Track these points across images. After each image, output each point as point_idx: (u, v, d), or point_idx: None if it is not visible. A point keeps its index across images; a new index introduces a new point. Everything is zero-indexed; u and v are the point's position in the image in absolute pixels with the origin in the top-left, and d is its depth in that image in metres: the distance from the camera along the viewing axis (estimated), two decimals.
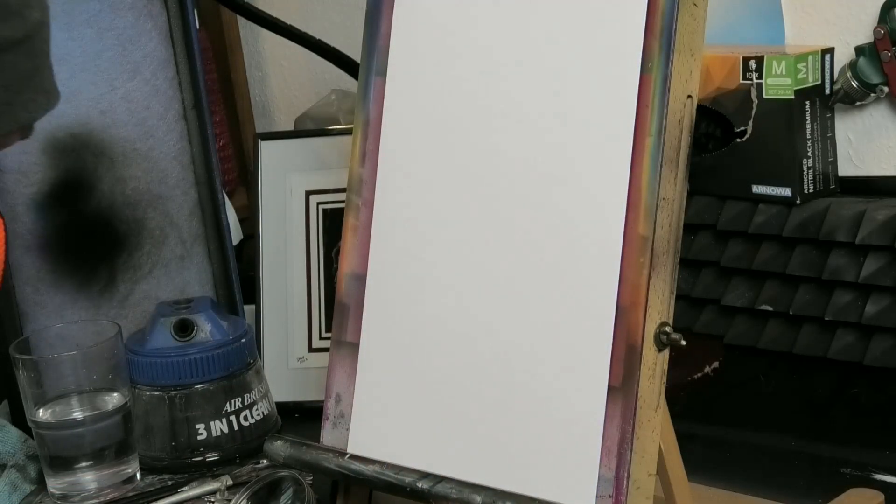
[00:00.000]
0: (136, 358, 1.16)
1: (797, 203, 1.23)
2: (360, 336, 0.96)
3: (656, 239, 0.82)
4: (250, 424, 1.17)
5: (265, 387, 1.21)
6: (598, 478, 0.82)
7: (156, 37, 1.26)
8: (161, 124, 1.27)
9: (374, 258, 0.96)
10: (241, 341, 1.18)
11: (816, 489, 1.03)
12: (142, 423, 1.16)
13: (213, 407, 1.16)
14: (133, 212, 1.26)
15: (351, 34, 1.27)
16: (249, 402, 1.17)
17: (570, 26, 0.87)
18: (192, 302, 1.20)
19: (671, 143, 0.82)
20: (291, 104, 1.75)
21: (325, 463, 0.94)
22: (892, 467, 1.06)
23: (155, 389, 1.15)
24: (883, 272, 1.16)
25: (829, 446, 1.12)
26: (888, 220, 1.17)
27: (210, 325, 1.17)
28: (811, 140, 1.23)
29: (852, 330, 1.19)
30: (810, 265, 1.21)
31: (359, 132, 0.97)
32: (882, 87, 1.20)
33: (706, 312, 1.30)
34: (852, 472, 1.06)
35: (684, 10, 0.82)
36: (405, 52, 0.95)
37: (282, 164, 1.37)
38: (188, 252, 1.29)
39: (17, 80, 0.89)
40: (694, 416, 1.12)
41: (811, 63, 1.21)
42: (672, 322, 0.84)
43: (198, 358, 1.15)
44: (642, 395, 0.82)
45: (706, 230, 1.30)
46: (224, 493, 1.09)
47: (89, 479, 1.13)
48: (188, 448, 1.15)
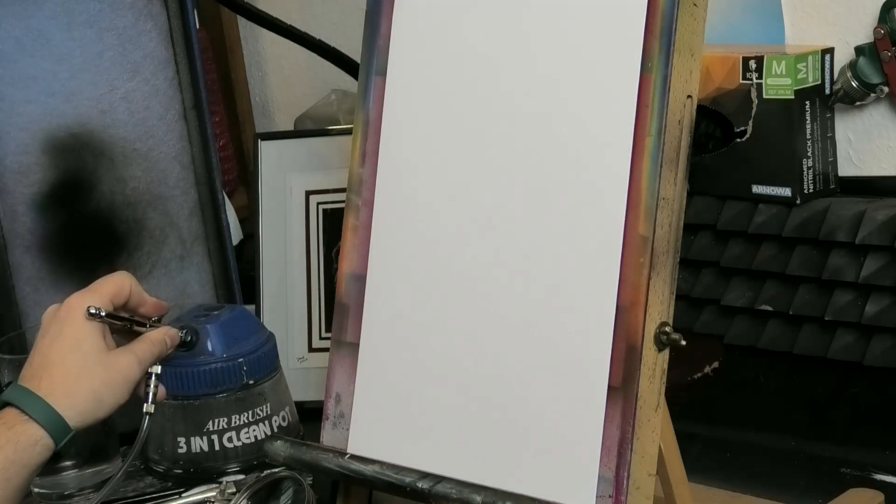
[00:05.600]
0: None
1: (797, 203, 1.23)
2: (360, 336, 0.96)
3: (656, 239, 0.82)
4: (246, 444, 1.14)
5: (277, 400, 1.17)
6: (598, 478, 0.82)
7: (156, 37, 1.26)
8: (161, 124, 1.27)
9: (374, 258, 0.96)
10: (237, 360, 1.13)
11: (816, 489, 1.03)
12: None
13: (194, 422, 1.13)
14: (133, 212, 1.26)
15: (351, 34, 1.27)
16: (249, 419, 1.15)
17: (570, 26, 0.87)
18: (220, 309, 1.16)
19: (671, 143, 0.82)
20: (291, 104, 1.75)
21: (325, 463, 0.94)
22: (892, 467, 1.06)
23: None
24: (883, 272, 1.16)
25: (829, 446, 1.12)
26: (888, 220, 1.16)
27: (215, 339, 1.13)
28: (811, 140, 1.22)
29: (852, 330, 1.19)
30: (810, 265, 1.21)
31: (359, 132, 0.97)
32: (882, 87, 1.19)
33: (706, 312, 1.30)
34: (852, 472, 1.06)
35: (684, 10, 0.82)
36: (405, 52, 0.95)
37: (282, 164, 1.37)
38: (188, 252, 1.29)
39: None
40: (694, 416, 1.12)
41: (811, 63, 1.21)
42: (672, 322, 0.84)
43: (186, 371, 1.12)
44: (642, 396, 0.82)
45: (706, 230, 1.30)
46: (224, 494, 1.09)
47: (70, 478, 1.14)
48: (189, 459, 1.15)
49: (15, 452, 0.93)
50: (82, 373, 0.98)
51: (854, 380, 1.19)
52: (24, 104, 1.22)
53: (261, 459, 1.10)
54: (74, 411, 0.96)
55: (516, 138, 0.89)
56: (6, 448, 0.93)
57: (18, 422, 0.95)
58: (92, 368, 0.99)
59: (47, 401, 0.95)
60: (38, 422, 0.95)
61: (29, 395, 0.96)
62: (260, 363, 1.15)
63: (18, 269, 1.24)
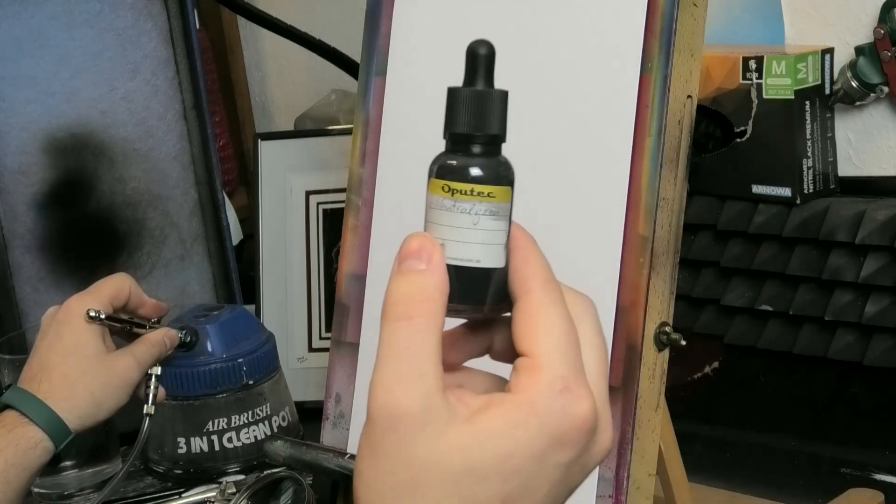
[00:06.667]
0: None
1: (797, 203, 1.22)
2: (360, 336, 0.96)
3: (656, 239, 0.82)
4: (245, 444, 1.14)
5: (277, 400, 1.17)
6: (598, 478, 0.82)
7: (156, 37, 1.26)
8: (161, 124, 1.27)
9: (374, 258, 0.96)
10: (237, 360, 1.13)
11: (816, 489, 1.03)
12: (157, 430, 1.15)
13: (194, 423, 1.13)
14: (133, 212, 1.26)
15: (351, 34, 1.27)
16: (244, 420, 1.14)
17: (570, 26, 0.87)
18: (220, 309, 1.16)
19: (671, 143, 0.82)
20: (291, 104, 1.75)
21: (325, 463, 0.94)
22: (892, 467, 1.06)
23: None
24: (883, 272, 1.16)
25: (829, 446, 1.12)
26: (888, 220, 1.16)
27: (215, 339, 1.13)
28: (811, 140, 1.22)
29: (852, 330, 1.19)
30: (810, 265, 1.21)
31: (359, 132, 0.97)
32: (882, 87, 1.19)
33: (706, 312, 1.30)
34: (852, 472, 1.06)
35: (684, 10, 0.82)
36: (405, 52, 0.95)
37: (282, 164, 1.37)
38: (188, 252, 1.29)
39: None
40: (694, 416, 1.12)
41: (811, 63, 1.21)
42: (672, 322, 0.84)
43: (184, 372, 1.11)
44: (642, 396, 0.82)
45: (706, 230, 1.30)
46: (224, 494, 1.09)
47: (70, 478, 1.14)
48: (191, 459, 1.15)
49: (15, 455, 0.93)
50: (82, 376, 0.98)
51: (854, 380, 1.19)
52: (24, 104, 1.23)
53: (261, 459, 1.10)
54: (74, 414, 0.96)
55: (515, 138, 0.89)
56: (6, 451, 0.93)
57: (18, 424, 0.95)
58: (91, 371, 0.98)
59: (47, 403, 0.95)
60: (38, 425, 0.95)
61: (29, 397, 0.96)
62: (260, 363, 1.15)
63: (18, 269, 1.24)
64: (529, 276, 0.54)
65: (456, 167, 0.53)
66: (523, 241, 0.54)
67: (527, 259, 0.54)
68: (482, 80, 0.54)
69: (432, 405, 0.50)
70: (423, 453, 0.50)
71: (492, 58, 0.54)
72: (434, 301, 0.51)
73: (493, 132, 0.54)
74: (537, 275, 0.54)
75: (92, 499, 1.12)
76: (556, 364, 0.51)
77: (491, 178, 0.53)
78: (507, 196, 0.53)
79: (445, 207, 0.53)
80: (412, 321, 0.51)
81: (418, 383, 0.50)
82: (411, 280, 0.52)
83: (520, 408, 0.51)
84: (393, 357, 0.51)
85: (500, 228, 0.53)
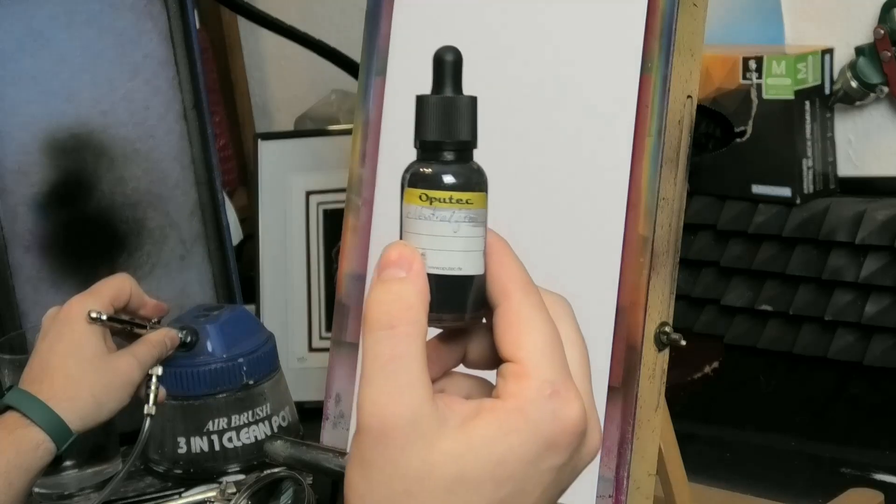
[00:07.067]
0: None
1: (797, 203, 1.23)
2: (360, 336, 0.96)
3: (656, 239, 0.82)
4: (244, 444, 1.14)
5: (277, 400, 1.16)
6: (598, 478, 0.82)
7: (156, 37, 1.26)
8: (161, 124, 1.27)
9: (374, 258, 0.95)
10: (237, 360, 1.12)
11: (816, 489, 1.03)
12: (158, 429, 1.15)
13: (194, 423, 1.13)
14: (133, 212, 1.26)
15: (351, 34, 1.27)
16: (244, 420, 1.14)
17: (570, 27, 0.87)
18: (220, 309, 1.16)
19: (671, 143, 0.82)
20: (291, 104, 1.75)
21: (325, 463, 0.94)
22: (892, 467, 1.06)
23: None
24: (883, 272, 1.16)
25: (829, 446, 1.12)
26: (888, 220, 1.17)
27: (215, 339, 1.12)
28: (811, 140, 1.23)
29: (852, 330, 1.19)
30: (810, 265, 1.21)
31: (359, 132, 0.97)
32: (882, 87, 1.20)
33: (706, 312, 1.30)
34: (852, 472, 1.06)
35: (684, 11, 0.82)
36: (405, 52, 0.95)
37: (282, 164, 1.37)
38: (188, 252, 1.29)
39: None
40: (694, 416, 1.12)
41: (811, 63, 1.21)
42: (672, 322, 0.84)
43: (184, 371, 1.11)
44: (642, 396, 0.82)
45: (706, 230, 1.30)
46: (224, 494, 1.09)
47: (71, 478, 1.13)
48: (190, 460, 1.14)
49: (17, 456, 0.93)
50: (83, 376, 0.98)
51: (854, 380, 1.19)
52: (24, 104, 1.22)
53: (261, 459, 1.10)
54: (76, 415, 0.96)
55: (515, 138, 0.89)
56: (8, 452, 0.93)
57: (20, 426, 0.94)
58: (93, 372, 0.98)
59: (49, 405, 0.95)
60: (40, 426, 0.94)
61: (30, 399, 0.96)
62: (260, 363, 1.15)
63: (18, 269, 1.24)
64: (508, 280, 0.53)
65: (431, 175, 0.53)
66: (499, 246, 0.54)
67: (504, 264, 0.54)
68: (450, 87, 0.54)
69: (422, 415, 0.50)
70: (416, 464, 0.50)
71: (459, 64, 0.54)
72: (416, 309, 0.51)
73: (464, 138, 0.54)
74: (516, 279, 0.54)
75: (92, 499, 1.12)
76: (543, 368, 0.51)
77: (467, 184, 0.53)
78: (483, 202, 0.54)
79: (424, 216, 0.53)
80: (395, 330, 0.50)
81: (407, 394, 0.50)
82: (392, 289, 0.51)
83: (510, 414, 0.51)
84: (379, 368, 0.50)
85: (478, 235, 0.53)
